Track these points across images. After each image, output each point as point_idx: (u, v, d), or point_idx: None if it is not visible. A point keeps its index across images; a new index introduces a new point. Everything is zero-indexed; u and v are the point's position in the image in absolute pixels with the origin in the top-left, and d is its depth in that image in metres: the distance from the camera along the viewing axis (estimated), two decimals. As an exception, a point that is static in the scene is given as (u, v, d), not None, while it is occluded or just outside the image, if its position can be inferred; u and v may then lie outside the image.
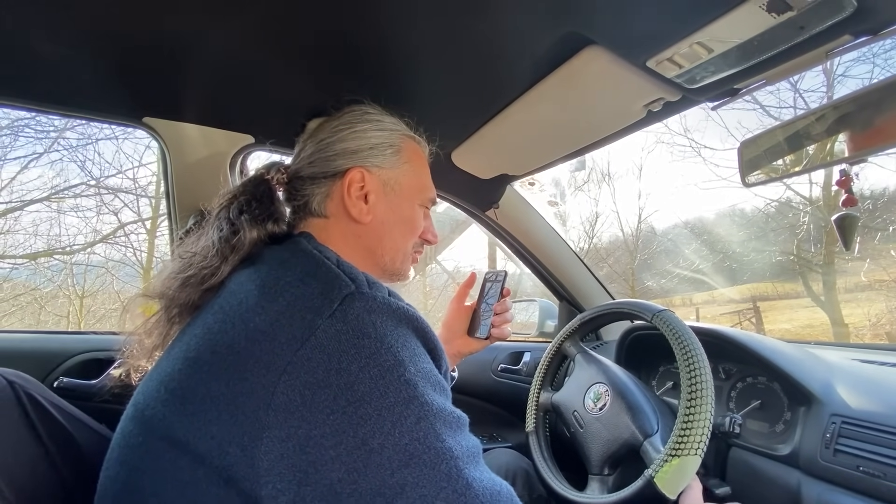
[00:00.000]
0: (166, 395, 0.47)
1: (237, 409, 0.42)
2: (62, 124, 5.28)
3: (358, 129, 0.67)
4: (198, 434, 0.43)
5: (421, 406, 0.43)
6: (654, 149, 13.64)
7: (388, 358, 0.44)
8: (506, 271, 0.90)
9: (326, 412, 0.41)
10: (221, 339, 0.47)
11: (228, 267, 0.56)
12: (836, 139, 0.71)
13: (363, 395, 0.42)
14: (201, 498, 0.42)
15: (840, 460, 0.67)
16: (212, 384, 0.44)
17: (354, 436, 0.40)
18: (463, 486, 0.41)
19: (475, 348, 0.90)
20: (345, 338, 0.43)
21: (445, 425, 0.44)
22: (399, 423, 0.42)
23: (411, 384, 0.43)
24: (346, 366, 0.42)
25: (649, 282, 9.38)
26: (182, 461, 0.43)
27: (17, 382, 0.59)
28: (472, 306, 0.91)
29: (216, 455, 0.41)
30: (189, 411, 0.44)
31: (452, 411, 0.46)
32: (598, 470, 0.77)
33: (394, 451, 0.41)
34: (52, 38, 0.67)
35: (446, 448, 0.42)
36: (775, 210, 7.47)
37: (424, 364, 0.47)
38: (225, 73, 0.76)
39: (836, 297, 6.53)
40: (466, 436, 0.47)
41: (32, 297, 5.90)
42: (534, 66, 0.75)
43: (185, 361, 0.48)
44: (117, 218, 5.90)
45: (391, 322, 0.46)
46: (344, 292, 0.47)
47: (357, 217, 0.64)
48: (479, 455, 0.47)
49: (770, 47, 0.61)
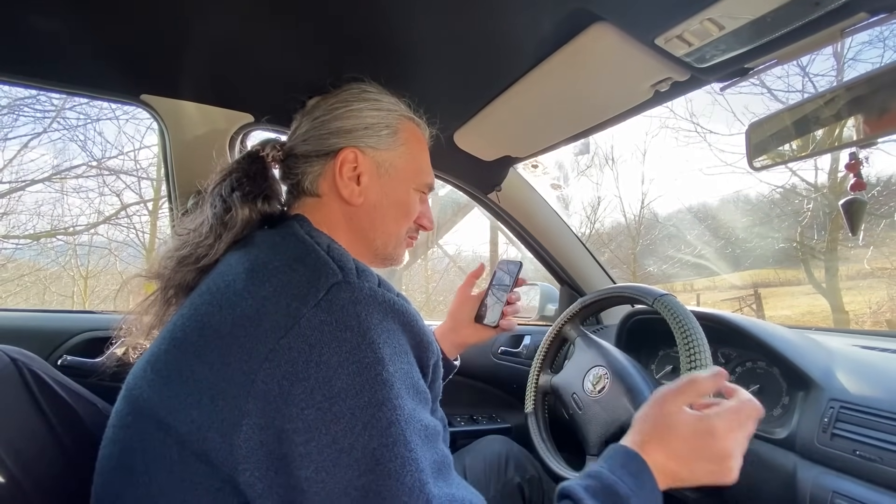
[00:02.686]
0: (152, 374, 0.47)
1: (218, 394, 0.42)
2: (61, 103, 5.23)
3: (354, 107, 0.66)
4: (179, 416, 0.43)
5: (393, 410, 0.42)
6: (658, 133, 13.51)
7: (369, 354, 0.43)
8: (521, 262, 0.89)
9: (301, 406, 0.40)
10: (208, 321, 0.47)
11: (223, 245, 0.56)
12: (845, 123, 0.70)
13: (339, 391, 0.41)
14: (190, 477, 0.42)
15: (837, 444, 0.68)
16: (196, 367, 0.44)
17: (326, 433, 0.40)
18: (423, 500, 0.41)
19: (482, 337, 0.89)
20: (328, 329, 0.43)
21: (416, 433, 0.43)
22: (370, 424, 0.41)
23: (387, 384, 0.43)
24: (325, 359, 0.42)
25: (651, 267, 9.38)
26: (168, 441, 0.43)
27: (20, 360, 0.60)
28: (478, 295, 0.91)
29: (195, 439, 0.42)
30: (172, 393, 0.44)
31: (426, 420, 0.46)
32: (596, 451, 0.78)
33: (362, 454, 0.40)
34: (49, 13, 0.66)
35: (413, 458, 0.41)
36: (780, 196, 7.42)
37: (404, 364, 0.46)
38: (224, 49, 0.75)
39: (837, 285, 6.53)
40: (437, 446, 0.46)
41: (37, 278, 5.94)
42: (539, 43, 0.73)
43: (171, 342, 0.48)
44: (119, 199, 5.90)
45: (377, 314, 0.46)
46: (331, 281, 0.46)
47: (348, 198, 0.63)
48: (449, 468, 0.46)
49: (784, 24, 0.59)
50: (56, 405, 0.60)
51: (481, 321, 0.87)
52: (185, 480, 0.42)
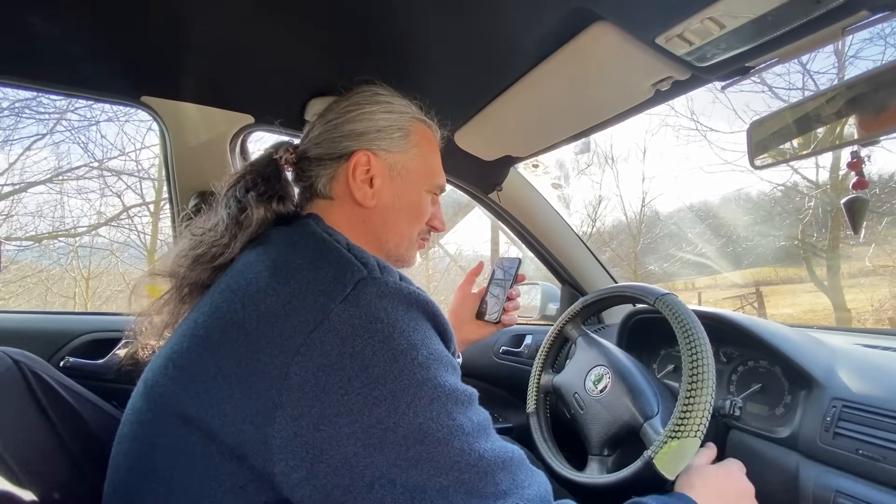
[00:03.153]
0: (175, 371, 0.47)
1: (250, 388, 0.42)
2: (63, 105, 5.25)
3: (366, 110, 0.66)
4: (210, 412, 0.43)
5: (434, 388, 0.44)
6: (658, 131, 13.49)
7: (401, 342, 0.44)
8: (520, 258, 0.90)
9: (341, 392, 0.41)
10: (231, 318, 0.47)
11: (238, 244, 0.57)
12: (847, 121, 0.70)
13: (377, 377, 0.42)
14: (213, 472, 0.42)
15: (839, 443, 0.68)
16: (222, 363, 0.45)
17: (370, 415, 0.41)
18: (475, 457, 0.43)
19: (484, 333, 0.90)
20: (358, 322, 0.44)
21: (457, 404, 0.45)
22: (413, 404, 0.43)
23: (424, 367, 0.44)
24: (359, 349, 0.43)
25: (652, 266, 9.37)
26: (193, 437, 0.44)
27: (22, 361, 0.60)
28: (479, 293, 0.91)
29: (229, 433, 0.42)
30: (200, 389, 0.45)
31: (463, 389, 0.48)
32: (598, 451, 0.78)
33: (409, 429, 0.42)
34: (49, 15, 0.66)
35: (458, 425, 0.44)
36: (781, 194, 7.41)
37: (436, 346, 0.48)
38: (223, 50, 0.75)
39: (839, 283, 6.52)
40: (476, 410, 0.48)
41: (39, 279, 5.96)
42: (539, 42, 0.73)
43: (193, 339, 0.48)
44: (121, 200, 5.92)
45: (402, 306, 0.47)
46: (357, 277, 0.47)
47: (361, 201, 0.63)
48: (489, 427, 0.49)
49: (785, 23, 0.59)
50: (58, 406, 0.60)
51: (483, 318, 0.88)
52: (208, 476, 0.42)
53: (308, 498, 0.41)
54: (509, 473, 0.45)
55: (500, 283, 0.89)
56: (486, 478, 0.43)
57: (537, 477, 0.48)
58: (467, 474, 0.42)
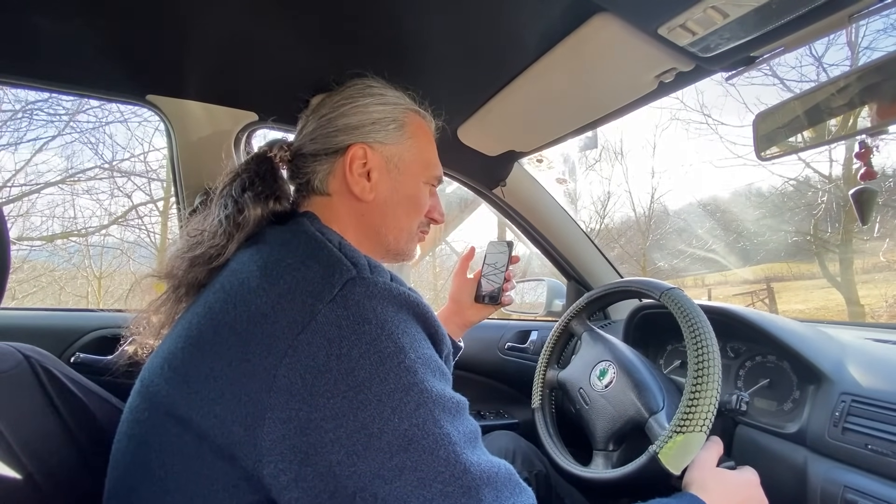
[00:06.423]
0: (169, 372, 0.48)
1: (240, 389, 0.42)
2: (73, 107, 5.32)
3: (359, 103, 0.65)
4: (201, 412, 0.43)
5: (420, 393, 0.43)
6: (668, 126, 13.34)
7: (389, 344, 0.43)
8: (511, 241, 0.92)
9: (327, 396, 0.41)
10: (223, 318, 0.47)
11: (234, 245, 0.56)
12: (855, 111, 0.68)
13: (363, 380, 0.42)
14: (206, 472, 0.43)
15: (848, 438, 0.67)
16: (214, 364, 0.45)
17: (354, 419, 0.41)
18: (461, 469, 0.42)
19: (485, 314, 0.91)
20: (345, 323, 0.43)
21: (444, 411, 0.44)
22: (399, 409, 0.42)
23: (411, 371, 0.43)
24: (346, 351, 0.42)
25: (661, 262, 9.29)
26: (186, 437, 0.44)
27: (33, 357, 0.61)
28: (475, 277, 0.92)
29: (218, 433, 0.42)
30: (192, 390, 0.45)
31: (451, 396, 0.46)
32: (603, 446, 0.78)
33: (393, 436, 0.41)
34: (54, 15, 0.67)
35: (444, 433, 0.43)
36: (793, 189, 7.30)
37: (425, 350, 0.47)
38: (228, 48, 0.75)
39: (852, 278, 6.41)
40: (465, 419, 0.47)
41: (52, 278, 6.05)
42: (541, 35, 0.72)
43: (187, 339, 0.49)
44: (130, 200, 5.99)
45: (392, 308, 0.46)
46: (345, 277, 0.46)
47: (359, 195, 0.63)
48: (478, 438, 0.47)
49: (789, 10, 0.58)
50: (69, 402, 0.61)
51: (482, 301, 0.90)
52: (202, 475, 0.43)
53: (297, 501, 0.40)
54: (493, 490, 0.43)
55: (494, 265, 0.90)
56: (469, 493, 0.41)
57: (524, 497, 0.46)
58: (451, 487, 0.41)
